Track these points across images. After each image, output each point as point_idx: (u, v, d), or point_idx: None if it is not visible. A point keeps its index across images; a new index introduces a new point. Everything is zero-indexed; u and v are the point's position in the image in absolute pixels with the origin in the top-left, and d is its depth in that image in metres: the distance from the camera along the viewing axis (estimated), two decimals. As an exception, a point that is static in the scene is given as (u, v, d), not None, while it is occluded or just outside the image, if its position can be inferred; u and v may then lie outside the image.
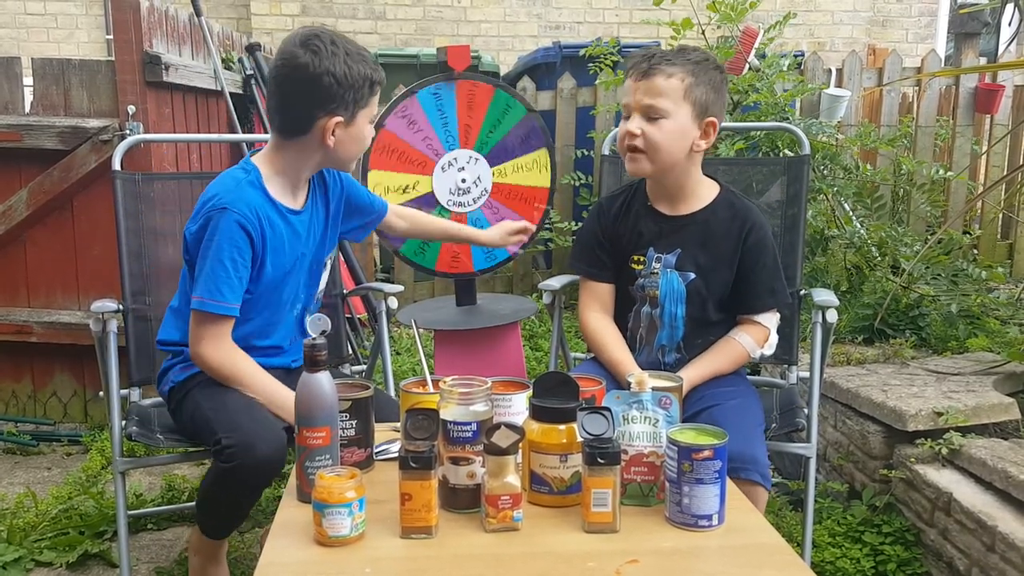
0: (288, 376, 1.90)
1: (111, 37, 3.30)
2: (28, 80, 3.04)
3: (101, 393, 2.04)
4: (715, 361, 1.85)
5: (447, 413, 1.31)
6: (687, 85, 1.73)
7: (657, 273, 1.86)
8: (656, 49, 1.80)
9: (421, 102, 2.66)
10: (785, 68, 3.57)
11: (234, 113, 3.49)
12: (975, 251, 4.42)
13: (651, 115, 1.75)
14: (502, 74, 5.60)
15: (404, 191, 2.69)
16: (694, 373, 1.82)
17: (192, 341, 1.77)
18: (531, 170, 2.76)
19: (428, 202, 2.72)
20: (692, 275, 1.84)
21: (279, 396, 1.77)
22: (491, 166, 2.74)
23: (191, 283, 1.78)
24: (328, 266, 2.05)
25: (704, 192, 1.87)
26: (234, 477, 1.65)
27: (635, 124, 1.76)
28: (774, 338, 1.89)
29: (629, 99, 1.78)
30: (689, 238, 1.85)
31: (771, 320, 1.87)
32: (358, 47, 1.78)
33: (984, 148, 4.63)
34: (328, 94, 1.73)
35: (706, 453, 1.24)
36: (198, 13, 3.38)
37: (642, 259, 1.88)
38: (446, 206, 2.73)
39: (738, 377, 1.91)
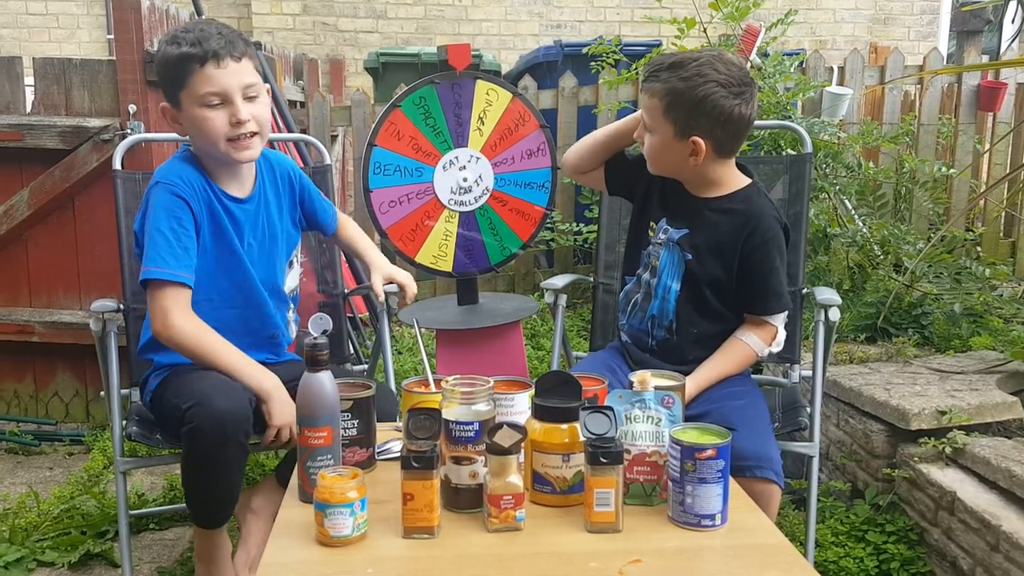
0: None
1: (112, 37, 3.30)
2: (29, 80, 3.04)
3: (102, 393, 2.04)
4: (723, 363, 1.84)
5: (449, 413, 1.31)
6: (664, 105, 1.73)
7: (662, 243, 1.88)
8: (663, 57, 1.77)
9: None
10: (791, 70, 3.56)
11: (235, 112, 3.49)
12: (978, 249, 4.41)
13: (646, 126, 1.80)
14: (503, 73, 5.60)
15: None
16: (703, 376, 1.81)
17: (152, 319, 1.76)
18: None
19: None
20: (690, 255, 1.84)
21: (249, 368, 1.75)
22: (495, 170, 2.74)
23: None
24: (296, 263, 2.04)
25: (730, 182, 1.86)
26: (198, 437, 1.64)
27: (639, 131, 1.84)
28: (782, 335, 1.88)
29: None
30: (698, 221, 1.85)
31: (779, 319, 1.87)
32: (196, 26, 1.76)
33: (986, 146, 4.62)
34: (159, 78, 1.82)
35: (709, 452, 1.24)
36: (199, 12, 3.38)
37: (656, 227, 1.91)
38: (448, 205, 2.73)
39: (744, 378, 1.90)
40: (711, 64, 1.71)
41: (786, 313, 1.89)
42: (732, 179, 1.87)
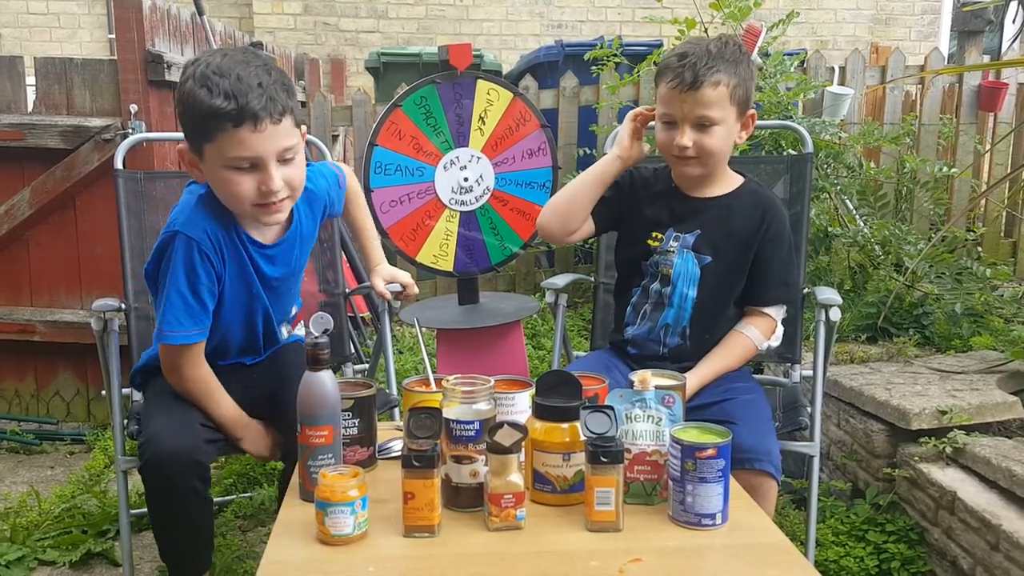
0: (244, 369, 1.86)
1: (113, 36, 3.30)
2: (31, 79, 3.05)
3: (103, 392, 2.04)
4: (725, 357, 1.85)
5: (450, 412, 1.31)
6: (731, 88, 1.74)
7: (673, 252, 1.86)
8: (692, 52, 1.74)
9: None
10: (792, 70, 3.56)
11: (236, 112, 3.49)
12: (979, 249, 4.40)
13: (702, 124, 1.76)
14: (504, 73, 5.60)
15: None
16: (706, 370, 1.82)
17: (164, 369, 1.73)
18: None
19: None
20: (708, 258, 1.84)
21: (230, 419, 1.74)
22: (496, 170, 2.74)
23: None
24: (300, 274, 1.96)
25: (729, 179, 1.89)
26: (148, 474, 1.63)
27: (688, 137, 1.76)
28: (780, 329, 1.90)
29: (673, 109, 1.77)
30: (710, 220, 1.85)
31: (779, 312, 1.89)
32: (231, 69, 1.48)
33: (987, 146, 4.62)
34: (181, 117, 1.57)
35: (709, 451, 1.24)
36: (200, 12, 3.38)
37: (660, 236, 1.88)
38: (449, 205, 2.73)
39: (746, 376, 1.91)
40: (733, 40, 1.78)
41: (784, 307, 1.90)
42: (729, 177, 1.90)
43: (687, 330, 1.87)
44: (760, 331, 1.87)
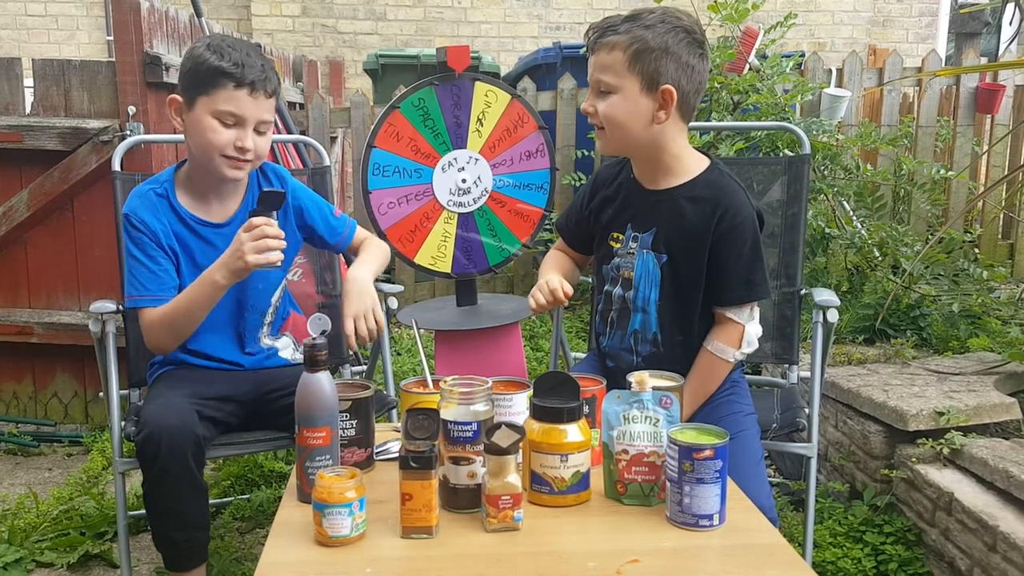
0: (243, 372, 1.93)
1: (112, 38, 3.30)
2: (29, 81, 3.05)
3: (101, 394, 2.05)
4: (700, 384, 1.72)
5: (448, 413, 1.31)
6: (630, 56, 1.60)
7: (634, 253, 1.74)
8: (611, 18, 1.67)
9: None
10: (788, 71, 3.57)
11: (234, 114, 3.49)
12: (976, 251, 4.41)
13: (602, 90, 1.66)
14: (502, 75, 5.61)
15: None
16: (685, 406, 1.63)
17: (145, 341, 1.86)
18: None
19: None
20: (665, 257, 1.72)
21: (209, 274, 1.75)
22: (494, 171, 2.74)
23: None
24: (282, 280, 2.00)
25: (688, 167, 1.73)
26: (145, 452, 1.66)
27: (588, 101, 1.69)
28: (754, 332, 1.74)
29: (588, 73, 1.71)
30: (664, 216, 1.72)
31: (744, 315, 1.71)
32: (242, 47, 1.78)
33: (985, 148, 4.63)
34: (182, 72, 1.81)
35: (707, 453, 1.24)
36: (198, 14, 3.38)
37: (621, 237, 1.77)
38: (447, 206, 2.74)
39: (733, 391, 1.78)
40: (671, 13, 1.66)
41: (754, 309, 1.74)
42: (691, 161, 1.73)
43: (658, 336, 1.75)
44: (725, 342, 1.71)
